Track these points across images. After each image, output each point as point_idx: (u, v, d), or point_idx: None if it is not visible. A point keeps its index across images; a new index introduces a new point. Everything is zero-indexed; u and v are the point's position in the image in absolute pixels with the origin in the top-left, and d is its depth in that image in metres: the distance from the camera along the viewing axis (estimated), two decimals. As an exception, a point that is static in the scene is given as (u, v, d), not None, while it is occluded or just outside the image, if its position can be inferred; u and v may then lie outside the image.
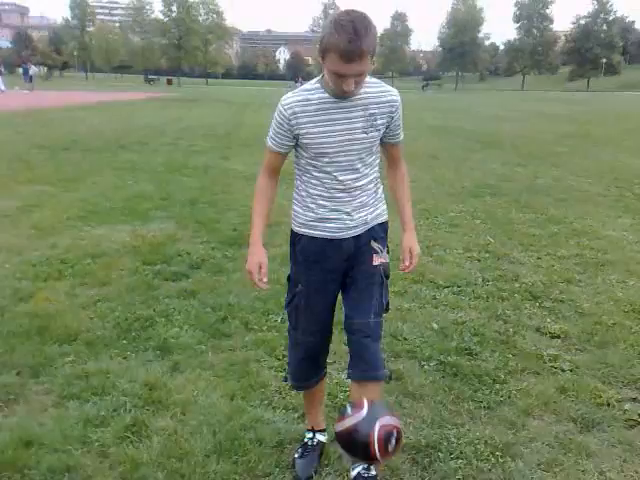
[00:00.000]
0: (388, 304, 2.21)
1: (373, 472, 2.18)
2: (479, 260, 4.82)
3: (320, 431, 2.40)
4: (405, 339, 3.36)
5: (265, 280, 2.12)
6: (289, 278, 2.23)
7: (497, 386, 2.89)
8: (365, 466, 2.18)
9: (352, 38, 1.71)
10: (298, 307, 2.18)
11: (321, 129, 1.96)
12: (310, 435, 2.39)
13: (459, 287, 4.20)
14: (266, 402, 2.70)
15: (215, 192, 7.25)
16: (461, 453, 2.40)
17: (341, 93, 1.88)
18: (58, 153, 10.12)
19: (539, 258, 4.89)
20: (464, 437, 2.49)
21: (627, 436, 2.52)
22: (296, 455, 2.33)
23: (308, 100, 1.96)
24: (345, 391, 2.75)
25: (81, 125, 15.27)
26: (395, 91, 2.03)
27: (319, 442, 2.38)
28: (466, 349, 3.26)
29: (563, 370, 3.06)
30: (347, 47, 1.72)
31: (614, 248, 5.18)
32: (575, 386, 2.88)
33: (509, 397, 2.80)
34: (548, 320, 3.66)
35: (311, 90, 1.97)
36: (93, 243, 4.96)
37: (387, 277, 2.17)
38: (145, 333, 3.33)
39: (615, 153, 11.89)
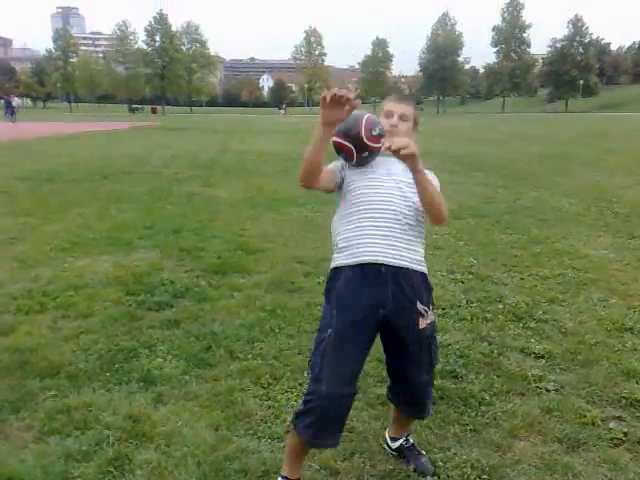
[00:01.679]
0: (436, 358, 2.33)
1: (411, 441, 2.52)
2: (463, 282, 4.84)
3: None
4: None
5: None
6: (320, 326, 2.17)
7: (483, 408, 2.89)
8: (404, 439, 2.49)
9: (402, 94, 2.40)
10: (325, 354, 2.07)
11: (364, 175, 2.18)
12: None
13: (444, 309, 4.21)
14: (251, 432, 2.68)
15: (199, 220, 7.24)
16: (448, 477, 2.39)
17: (389, 130, 2.15)
18: (41, 184, 10.09)
19: (522, 279, 4.93)
20: (451, 461, 2.49)
21: (612, 455, 2.52)
22: None
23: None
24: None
25: (65, 156, 15.24)
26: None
27: None
28: (451, 372, 3.26)
29: (548, 390, 3.07)
30: (398, 95, 2.41)
31: (595, 267, 5.24)
32: (560, 406, 2.89)
33: (495, 419, 2.80)
34: (532, 340, 3.68)
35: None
36: (76, 274, 4.92)
37: (433, 335, 2.25)
38: (128, 365, 3.29)
39: (594, 173, 12.09)
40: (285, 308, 4.12)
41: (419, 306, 2.11)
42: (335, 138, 2.05)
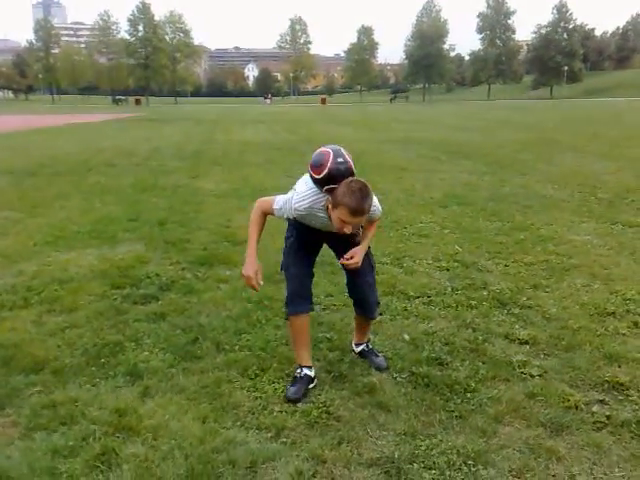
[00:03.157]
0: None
1: (370, 346, 3.30)
2: (448, 269, 4.87)
3: (307, 367, 2.98)
4: (378, 352, 3.37)
5: (261, 282, 2.80)
6: (286, 238, 3.01)
7: (468, 395, 2.92)
8: (365, 344, 3.28)
9: (360, 202, 2.48)
10: (291, 250, 2.97)
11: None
12: (299, 370, 2.97)
13: (429, 297, 4.24)
14: (239, 423, 2.68)
15: (185, 211, 7.21)
16: (434, 464, 2.41)
17: (340, 231, 2.63)
18: (24, 178, 9.97)
19: (506, 265, 4.96)
20: (437, 448, 2.51)
21: (595, 438, 2.56)
22: (288, 385, 2.93)
23: (315, 215, 2.73)
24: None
25: (48, 149, 15.08)
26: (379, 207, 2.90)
27: (306, 374, 2.95)
28: (437, 359, 3.28)
29: (532, 376, 3.10)
30: (356, 207, 2.48)
31: (579, 252, 5.29)
32: (544, 391, 2.92)
33: (480, 405, 2.83)
34: (516, 327, 3.71)
35: (320, 209, 2.69)
36: (60, 268, 4.88)
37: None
38: (114, 359, 3.28)
39: (578, 159, 12.17)
40: (271, 299, 4.12)
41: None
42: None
